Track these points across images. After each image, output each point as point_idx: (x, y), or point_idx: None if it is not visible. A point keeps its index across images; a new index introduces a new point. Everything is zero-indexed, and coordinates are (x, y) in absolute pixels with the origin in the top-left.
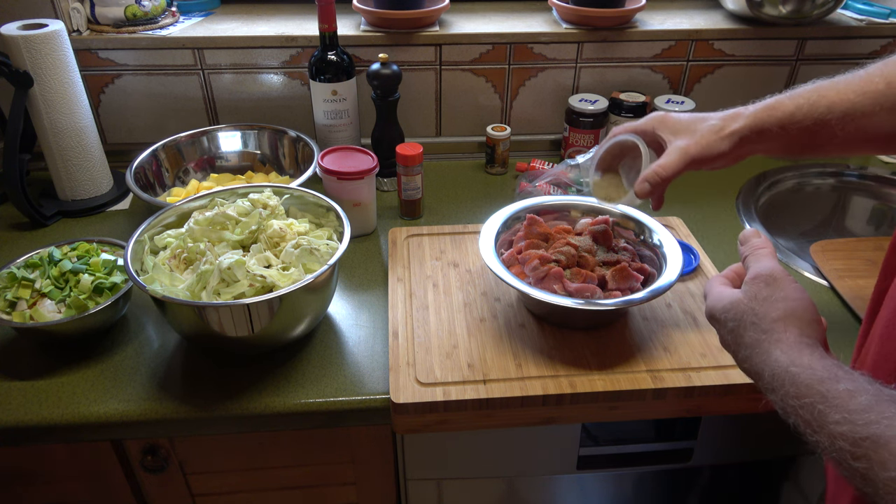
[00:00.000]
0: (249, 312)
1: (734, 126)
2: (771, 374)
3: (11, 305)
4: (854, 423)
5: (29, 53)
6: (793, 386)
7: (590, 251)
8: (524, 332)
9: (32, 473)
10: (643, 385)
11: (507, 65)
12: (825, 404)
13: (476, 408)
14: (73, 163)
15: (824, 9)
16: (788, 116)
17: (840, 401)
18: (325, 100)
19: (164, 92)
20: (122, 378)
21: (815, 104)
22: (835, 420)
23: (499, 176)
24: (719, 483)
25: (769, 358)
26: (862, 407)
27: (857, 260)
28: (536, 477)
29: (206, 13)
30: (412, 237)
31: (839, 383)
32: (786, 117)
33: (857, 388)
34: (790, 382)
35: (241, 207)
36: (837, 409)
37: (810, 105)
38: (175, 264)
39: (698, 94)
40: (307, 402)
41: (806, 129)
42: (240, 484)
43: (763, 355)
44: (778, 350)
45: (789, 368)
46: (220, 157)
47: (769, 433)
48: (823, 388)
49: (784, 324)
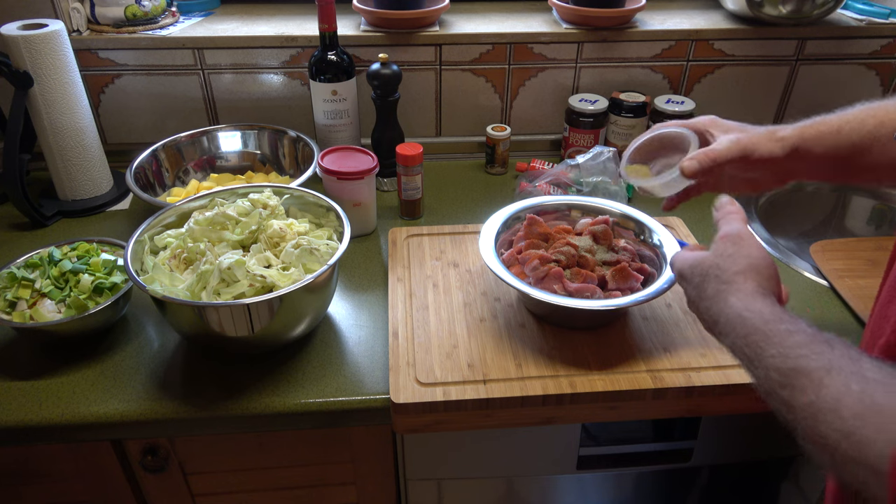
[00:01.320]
0: (249, 312)
1: (784, 132)
2: (726, 319)
3: (11, 305)
4: (786, 356)
5: (29, 53)
6: (742, 327)
7: (590, 251)
8: (524, 332)
9: (32, 473)
10: (643, 385)
11: (507, 65)
12: (766, 341)
13: (476, 408)
14: (73, 163)
15: (824, 9)
16: (835, 131)
17: (779, 338)
18: (325, 100)
19: (164, 92)
20: (122, 378)
21: (864, 121)
22: (770, 354)
23: (499, 176)
24: (719, 483)
25: (726, 305)
26: (796, 343)
27: (857, 260)
28: (536, 477)
29: (206, 13)
30: (412, 237)
31: (781, 324)
32: (832, 131)
33: (796, 329)
34: (740, 325)
35: (241, 207)
36: (775, 345)
37: (859, 122)
38: (175, 264)
39: (698, 94)
40: (307, 402)
41: (854, 146)
42: (240, 484)
43: (721, 303)
44: (734, 298)
45: (741, 313)
46: (220, 157)
47: (769, 433)
48: (767, 329)
49: (744, 276)
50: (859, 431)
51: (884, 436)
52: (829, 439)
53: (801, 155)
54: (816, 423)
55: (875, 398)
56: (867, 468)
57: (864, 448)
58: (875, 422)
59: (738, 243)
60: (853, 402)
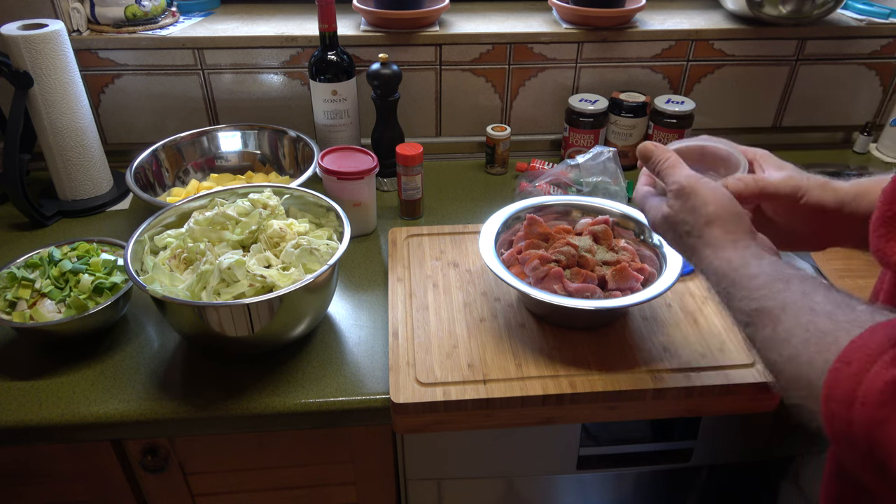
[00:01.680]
0: (249, 312)
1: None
2: (704, 270)
3: (11, 305)
4: (750, 298)
5: (29, 53)
6: (714, 276)
7: (590, 251)
8: (524, 332)
9: (32, 473)
10: (643, 385)
11: (507, 65)
12: (733, 287)
13: (476, 408)
14: (73, 163)
15: (824, 9)
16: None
17: (744, 282)
18: (325, 100)
19: (164, 92)
20: (122, 378)
21: None
22: (737, 298)
23: (499, 176)
24: (719, 483)
25: (702, 258)
26: (758, 286)
27: (858, 260)
28: (536, 477)
29: (206, 13)
30: (412, 237)
31: (747, 269)
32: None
33: (758, 272)
34: (713, 273)
35: (241, 207)
36: (742, 288)
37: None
38: (175, 264)
39: (698, 94)
40: (307, 402)
41: None
42: (240, 484)
43: (697, 256)
44: (708, 250)
45: (713, 262)
46: (220, 157)
47: (769, 433)
48: (735, 275)
49: (709, 227)
50: (802, 354)
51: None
52: (778, 364)
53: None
54: (770, 352)
55: (819, 325)
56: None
57: (805, 369)
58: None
59: (692, 195)
60: (800, 331)
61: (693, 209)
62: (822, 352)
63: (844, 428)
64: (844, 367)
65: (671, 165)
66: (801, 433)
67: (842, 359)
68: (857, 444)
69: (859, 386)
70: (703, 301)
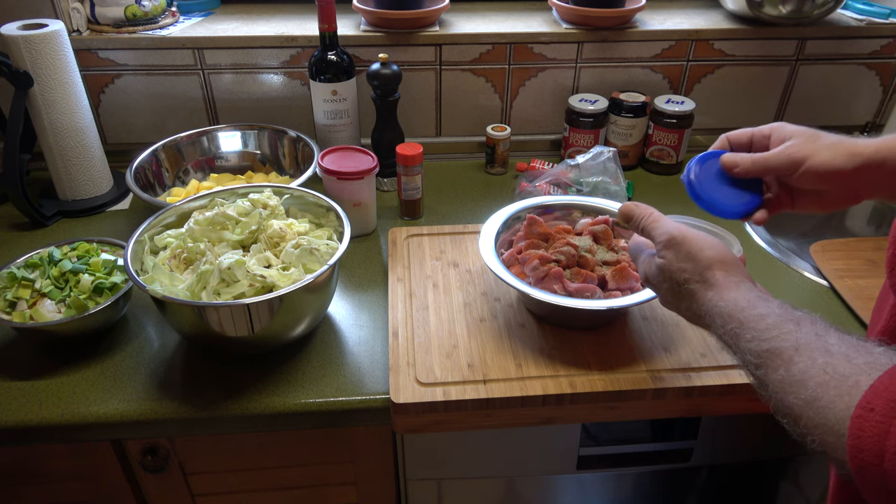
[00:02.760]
0: (249, 312)
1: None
2: (707, 313)
3: (11, 305)
4: (760, 339)
5: (29, 53)
6: (720, 318)
7: (590, 251)
8: (524, 332)
9: (32, 473)
10: (643, 385)
11: (507, 65)
12: (741, 328)
13: (476, 408)
14: (73, 163)
15: (824, 9)
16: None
17: (752, 323)
18: (325, 100)
19: (164, 92)
20: (122, 378)
21: None
22: (746, 339)
23: (499, 176)
24: (719, 483)
25: (704, 301)
26: (767, 326)
27: (857, 260)
28: (536, 477)
29: (206, 13)
30: (412, 237)
31: (755, 310)
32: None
33: (767, 313)
34: (718, 315)
35: (241, 207)
36: (750, 329)
37: None
38: (175, 264)
39: (698, 94)
40: (307, 402)
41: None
42: (240, 484)
43: (699, 300)
44: (710, 292)
45: (718, 304)
46: (220, 157)
47: (769, 433)
48: (741, 316)
49: (711, 271)
50: (822, 398)
51: (843, 401)
52: (796, 408)
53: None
54: (786, 395)
55: (837, 368)
56: (829, 431)
57: (826, 413)
58: (837, 389)
59: (684, 243)
60: (817, 373)
61: (689, 256)
62: (842, 395)
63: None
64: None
65: (655, 220)
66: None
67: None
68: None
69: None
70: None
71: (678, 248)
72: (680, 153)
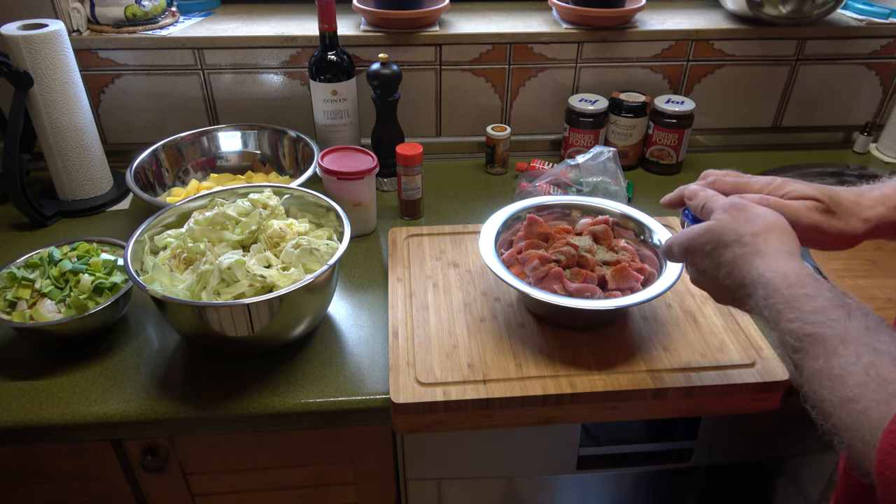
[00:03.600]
0: (249, 312)
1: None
2: (750, 280)
3: (11, 305)
4: (804, 321)
5: (29, 53)
6: (764, 289)
7: (590, 251)
8: (524, 332)
9: (32, 473)
10: (643, 385)
11: (507, 65)
12: (785, 305)
13: (476, 408)
14: (73, 163)
15: (824, 9)
16: None
17: (798, 303)
18: (325, 100)
19: (164, 92)
20: (122, 378)
21: None
22: (788, 318)
23: (499, 176)
24: (719, 483)
25: (750, 267)
26: (814, 309)
27: (857, 260)
28: (536, 477)
29: (206, 13)
30: (412, 237)
31: (803, 289)
32: None
33: (816, 294)
34: (763, 286)
35: (241, 207)
36: (794, 309)
37: None
38: (175, 264)
39: (698, 94)
40: (307, 402)
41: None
42: (240, 484)
43: (744, 266)
44: (758, 259)
45: (765, 274)
46: (220, 157)
47: (768, 433)
48: (788, 292)
49: (764, 236)
50: (859, 401)
51: (880, 407)
52: (828, 405)
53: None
54: (821, 388)
55: (881, 371)
56: (858, 438)
57: (861, 417)
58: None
59: (745, 209)
60: (859, 372)
61: (746, 220)
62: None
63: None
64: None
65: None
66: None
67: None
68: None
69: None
70: (703, 301)
71: (737, 212)
72: (680, 153)
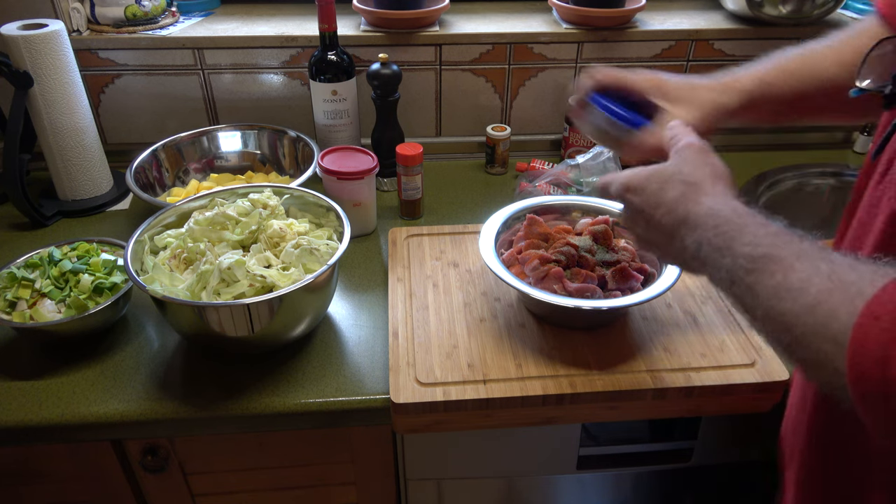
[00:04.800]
0: (249, 312)
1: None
2: (694, 216)
3: (11, 305)
4: (758, 244)
5: (29, 53)
6: (713, 219)
7: (590, 251)
8: (524, 332)
9: (32, 473)
10: (643, 385)
11: (507, 65)
12: (738, 231)
13: (476, 408)
14: (73, 163)
15: (824, 9)
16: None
17: (753, 229)
18: (325, 100)
19: (164, 92)
20: (122, 378)
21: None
22: (743, 242)
23: (499, 176)
24: (719, 483)
25: (696, 204)
26: (769, 233)
27: None
28: (536, 477)
29: (206, 13)
30: (412, 237)
31: (754, 218)
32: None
33: (768, 223)
34: (711, 218)
35: (241, 207)
36: (748, 234)
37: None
38: (175, 264)
39: None
40: (307, 402)
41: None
42: (240, 484)
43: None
44: (705, 197)
45: (713, 206)
46: (220, 157)
47: (768, 433)
48: (742, 221)
49: (713, 180)
50: (824, 304)
51: (847, 308)
52: (792, 315)
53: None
54: (780, 301)
55: (841, 276)
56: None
57: (828, 320)
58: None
59: (703, 153)
60: (821, 280)
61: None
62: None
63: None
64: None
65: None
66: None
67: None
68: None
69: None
70: (703, 301)
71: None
72: None
